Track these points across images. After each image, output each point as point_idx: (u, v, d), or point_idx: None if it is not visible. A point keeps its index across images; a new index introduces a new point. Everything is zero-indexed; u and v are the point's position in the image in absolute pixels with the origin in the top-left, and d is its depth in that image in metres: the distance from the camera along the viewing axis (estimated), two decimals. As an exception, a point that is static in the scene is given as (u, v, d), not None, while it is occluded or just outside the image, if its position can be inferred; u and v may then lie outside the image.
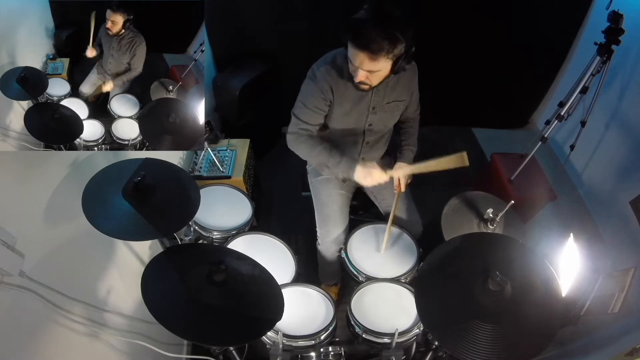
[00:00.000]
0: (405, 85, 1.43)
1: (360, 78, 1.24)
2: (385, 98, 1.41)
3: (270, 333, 1.20)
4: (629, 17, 1.66)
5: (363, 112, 1.43)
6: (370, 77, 1.24)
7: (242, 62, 2.38)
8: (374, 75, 1.23)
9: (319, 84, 1.34)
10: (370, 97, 1.39)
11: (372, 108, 1.42)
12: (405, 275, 1.39)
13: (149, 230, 1.03)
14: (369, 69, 1.20)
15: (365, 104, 1.41)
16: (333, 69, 1.34)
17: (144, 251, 1.74)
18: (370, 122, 1.46)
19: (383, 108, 1.43)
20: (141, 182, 1.05)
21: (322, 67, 1.35)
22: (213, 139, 1.96)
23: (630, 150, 1.99)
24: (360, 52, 1.16)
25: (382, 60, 1.17)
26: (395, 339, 1.18)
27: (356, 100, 1.39)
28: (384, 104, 1.42)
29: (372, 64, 1.18)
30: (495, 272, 0.90)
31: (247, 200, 1.60)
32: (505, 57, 2.51)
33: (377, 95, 1.39)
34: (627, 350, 1.10)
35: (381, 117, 1.46)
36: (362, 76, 1.24)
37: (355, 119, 1.44)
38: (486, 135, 2.95)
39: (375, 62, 1.17)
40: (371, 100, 1.40)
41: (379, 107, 1.42)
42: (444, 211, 1.39)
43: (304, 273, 1.49)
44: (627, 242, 1.81)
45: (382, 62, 1.18)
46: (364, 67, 1.20)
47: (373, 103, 1.41)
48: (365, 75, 1.24)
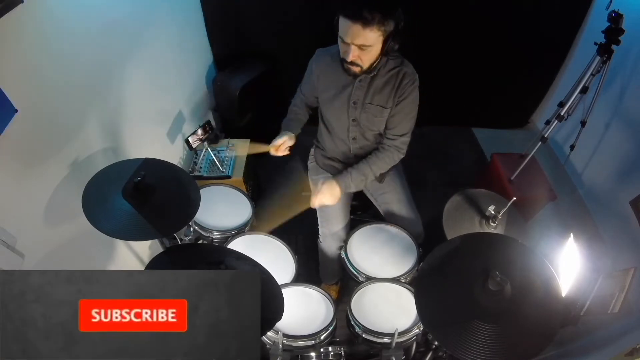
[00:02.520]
0: (393, 91, 1.38)
1: (352, 57, 1.24)
2: (368, 97, 1.40)
3: (270, 333, 1.20)
4: (629, 17, 1.66)
5: (344, 103, 1.43)
6: (361, 56, 1.24)
7: (242, 62, 2.38)
8: (365, 52, 1.23)
9: (311, 65, 1.50)
10: (352, 89, 1.39)
11: (352, 102, 1.42)
12: (405, 275, 1.38)
13: (149, 230, 1.03)
14: (361, 42, 1.20)
15: (347, 94, 1.41)
16: (326, 54, 1.44)
17: (144, 251, 1.74)
18: (353, 117, 1.46)
19: (364, 107, 1.41)
20: (141, 182, 1.05)
21: (320, 50, 1.48)
22: (213, 139, 1.96)
23: (631, 150, 1.99)
24: (352, 23, 1.17)
25: (375, 32, 1.18)
26: (395, 339, 1.18)
27: (339, 89, 1.42)
28: (365, 103, 1.41)
29: (364, 36, 1.18)
30: (495, 272, 0.90)
31: (247, 200, 1.60)
32: (505, 57, 2.51)
33: (359, 89, 1.38)
34: (627, 350, 1.10)
35: (363, 116, 1.44)
36: (354, 54, 1.24)
37: (338, 108, 1.46)
38: (486, 135, 2.95)
39: (368, 33, 1.18)
40: (352, 93, 1.40)
41: (360, 104, 1.42)
42: (446, 208, 1.38)
43: (304, 273, 1.49)
44: (627, 242, 1.81)
45: (374, 35, 1.19)
46: (356, 41, 1.20)
47: (354, 97, 1.40)
48: (357, 54, 1.24)
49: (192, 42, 2.25)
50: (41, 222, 1.11)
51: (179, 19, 2.03)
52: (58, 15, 1.14)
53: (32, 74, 1.05)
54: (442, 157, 2.77)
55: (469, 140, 2.95)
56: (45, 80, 1.10)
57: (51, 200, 1.14)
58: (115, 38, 1.44)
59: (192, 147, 1.86)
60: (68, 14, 1.18)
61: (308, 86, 1.55)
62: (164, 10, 1.85)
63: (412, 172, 1.80)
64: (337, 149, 1.59)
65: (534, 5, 2.28)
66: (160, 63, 1.83)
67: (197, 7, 2.22)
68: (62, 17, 1.15)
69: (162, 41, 1.84)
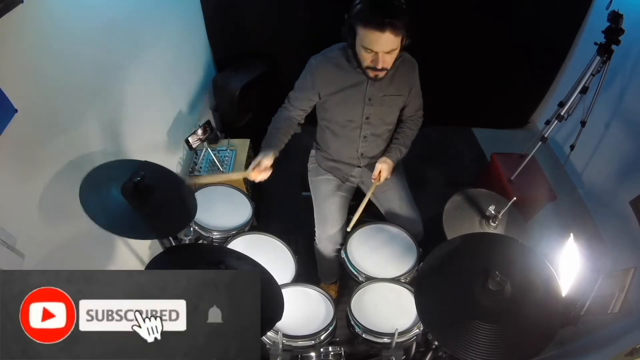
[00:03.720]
0: (402, 79, 1.43)
1: (383, 64, 1.24)
2: (382, 90, 1.41)
3: (270, 333, 1.20)
4: (629, 17, 1.66)
5: (358, 102, 1.43)
6: (387, 59, 1.25)
7: (242, 62, 2.38)
8: (391, 55, 1.24)
9: (309, 74, 1.42)
10: (366, 88, 1.39)
11: (368, 99, 1.42)
12: (405, 275, 1.39)
13: (145, 229, 1.03)
14: (390, 48, 1.21)
15: (361, 94, 1.41)
16: (327, 61, 1.39)
17: (144, 251, 1.74)
18: (367, 115, 1.46)
19: (380, 101, 1.43)
20: (141, 182, 1.05)
21: (317, 58, 1.41)
22: (213, 139, 1.96)
23: (631, 150, 1.99)
24: (381, 33, 1.16)
25: (399, 36, 1.19)
26: (395, 339, 1.18)
27: (350, 89, 1.40)
28: (381, 96, 1.42)
29: (392, 42, 1.19)
30: (495, 272, 0.90)
31: (247, 200, 1.60)
32: (506, 57, 2.51)
33: (373, 86, 1.39)
34: (627, 350, 1.10)
35: (378, 110, 1.46)
36: (382, 62, 1.24)
37: (351, 109, 1.45)
38: (486, 135, 2.95)
39: (395, 39, 1.19)
40: (366, 91, 1.40)
41: (375, 99, 1.42)
42: (446, 207, 1.38)
43: (304, 273, 1.49)
44: (627, 242, 1.81)
45: (399, 38, 1.20)
46: (387, 48, 1.21)
47: (369, 94, 1.41)
48: (384, 60, 1.24)
49: (192, 42, 2.25)
50: (41, 222, 1.11)
51: (179, 19, 2.03)
52: (58, 15, 1.14)
53: (32, 74, 1.05)
54: (442, 157, 2.77)
55: (469, 140, 2.95)
56: (45, 80, 1.10)
57: (51, 200, 1.13)
58: (115, 38, 1.44)
59: (192, 147, 1.86)
60: (68, 14, 1.18)
61: (304, 97, 1.46)
62: (164, 11, 1.85)
63: (412, 172, 1.80)
64: (343, 151, 1.59)
65: (534, 5, 2.28)
66: (160, 63, 1.83)
67: (197, 7, 2.22)
68: (62, 17, 1.15)
69: (162, 41, 1.84)
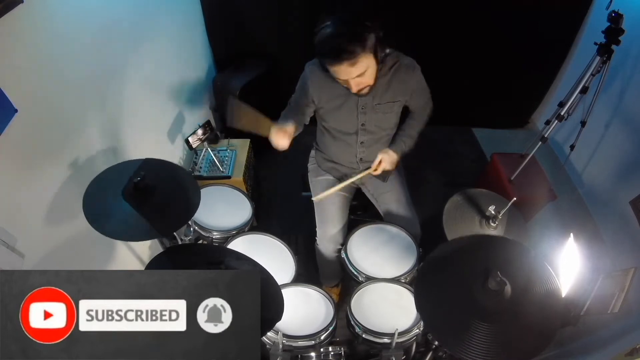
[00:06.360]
0: (400, 85, 1.40)
1: (356, 88, 1.27)
2: (376, 99, 1.40)
3: (270, 333, 1.20)
4: (629, 17, 1.66)
5: (352, 111, 1.43)
6: (362, 81, 1.26)
7: (242, 62, 2.38)
8: (365, 76, 1.24)
9: (303, 81, 1.42)
10: (357, 97, 1.38)
11: (361, 107, 1.42)
12: (405, 275, 1.38)
13: (149, 230, 1.03)
14: (356, 74, 1.22)
15: (354, 102, 1.41)
16: (319, 68, 1.36)
17: (144, 251, 1.74)
18: (362, 122, 1.46)
19: (374, 109, 1.42)
20: (141, 182, 1.05)
21: (310, 65, 1.41)
22: (213, 139, 1.96)
23: (631, 150, 1.99)
24: (339, 65, 1.18)
25: (363, 60, 1.19)
26: (395, 339, 1.18)
27: (344, 97, 1.40)
28: (374, 105, 1.41)
29: (356, 68, 1.20)
30: (496, 272, 0.90)
31: (247, 200, 1.60)
32: (506, 57, 2.51)
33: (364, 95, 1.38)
34: (627, 350, 1.10)
35: (373, 118, 1.45)
36: (356, 85, 1.26)
37: (345, 117, 1.45)
38: (486, 135, 2.95)
39: (358, 65, 1.19)
40: (358, 100, 1.40)
41: (369, 108, 1.42)
42: (446, 207, 1.38)
43: (304, 273, 1.49)
44: (627, 242, 1.81)
45: (364, 61, 1.19)
46: (352, 76, 1.22)
47: (361, 103, 1.40)
48: (358, 83, 1.25)
49: (192, 42, 2.25)
50: (41, 222, 1.11)
51: (179, 19, 2.03)
52: (58, 16, 1.14)
53: (32, 74, 1.05)
54: (442, 157, 2.77)
55: (469, 140, 2.95)
56: (45, 80, 1.10)
57: (51, 200, 1.14)
58: (115, 38, 1.44)
59: (192, 147, 1.86)
60: (68, 14, 1.18)
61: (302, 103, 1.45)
62: (164, 11, 1.85)
63: (412, 172, 1.80)
64: (342, 155, 1.59)
65: (534, 5, 2.28)
66: (160, 63, 1.83)
67: (197, 7, 2.22)
68: (62, 17, 1.15)
69: (163, 41, 1.84)
